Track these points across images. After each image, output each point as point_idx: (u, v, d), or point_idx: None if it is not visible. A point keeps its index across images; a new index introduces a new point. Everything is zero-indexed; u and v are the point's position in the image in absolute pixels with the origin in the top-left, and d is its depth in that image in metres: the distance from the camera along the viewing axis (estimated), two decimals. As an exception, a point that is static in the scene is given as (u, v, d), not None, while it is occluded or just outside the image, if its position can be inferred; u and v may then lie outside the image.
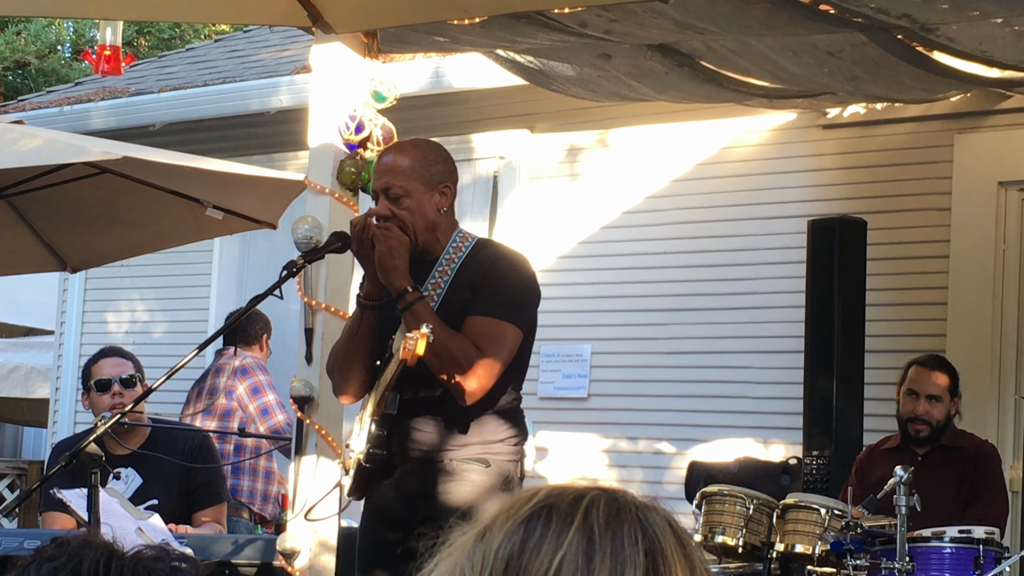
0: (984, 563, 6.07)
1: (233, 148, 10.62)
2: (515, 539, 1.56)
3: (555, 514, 1.57)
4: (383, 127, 5.68)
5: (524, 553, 1.54)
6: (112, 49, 6.50)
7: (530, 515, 1.58)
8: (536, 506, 1.59)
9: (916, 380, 6.90)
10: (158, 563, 1.67)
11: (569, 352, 9.42)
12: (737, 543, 6.47)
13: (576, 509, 1.57)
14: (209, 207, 7.28)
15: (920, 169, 8.37)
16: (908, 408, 6.90)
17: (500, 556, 1.55)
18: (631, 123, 9.26)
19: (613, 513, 1.57)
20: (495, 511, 1.61)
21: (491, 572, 1.55)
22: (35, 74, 25.62)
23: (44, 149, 6.77)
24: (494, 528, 1.58)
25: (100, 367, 6.59)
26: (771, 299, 8.70)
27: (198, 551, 5.61)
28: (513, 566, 1.54)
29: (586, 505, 1.58)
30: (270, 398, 8.34)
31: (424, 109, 9.44)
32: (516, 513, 1.59)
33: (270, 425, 8.29)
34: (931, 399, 6.85)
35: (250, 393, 8.35)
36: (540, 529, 1.56)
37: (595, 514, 1.57)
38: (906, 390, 6.93)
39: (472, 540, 1.58)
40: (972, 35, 6.07)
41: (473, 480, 4.85)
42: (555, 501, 1.59)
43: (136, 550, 1.68)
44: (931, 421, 6.84)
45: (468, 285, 4.91)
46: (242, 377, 8.36)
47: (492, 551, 1.56)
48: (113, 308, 11.98)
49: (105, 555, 1.65)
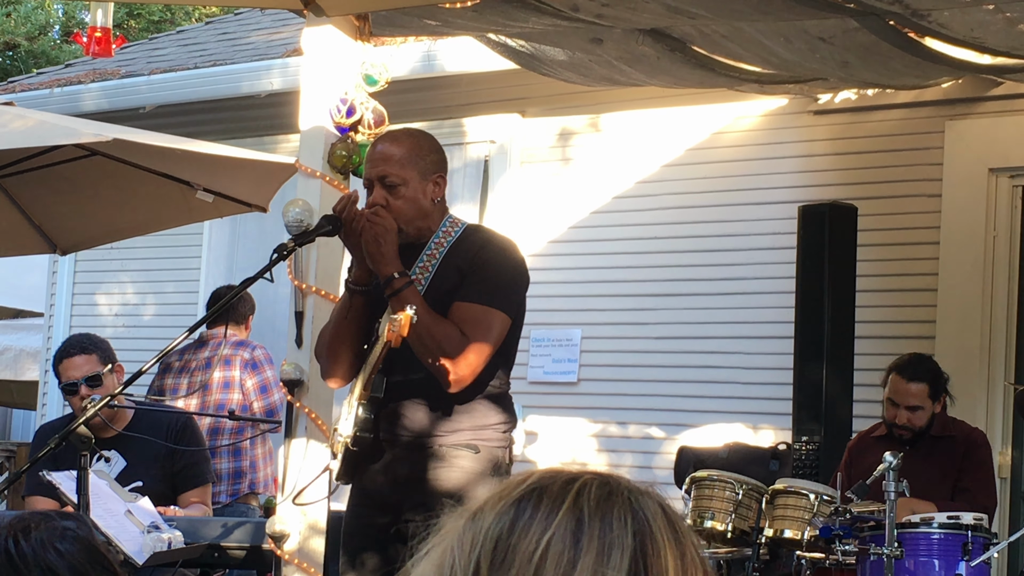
0: (972, 549, 6.08)
1: (224, 131, 10.60)
2: (505, 520, 1.56)
3: (546, 496, 1.57)
4: (374, 110, 5.66)
5: (513, 533, 1.55)
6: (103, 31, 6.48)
7: (521, 496, 1.58)
8: (528, 488, 1.59)
9: (895, 391, 6.86)
10: (51, 529, 1.66)
11: (559, 337, 9.43)
12: (726, 528, 6.48)
13: (567, 492, 1.58)
14: (199, 190, 7.27)
15: (911, 155, 8.37)
16: (890, 415, 6.89)
17: (489, 536, 1.56)
18: (622, 108, 9.26)
19: (604, 496, 1.57)
20: (488, 493, 1.61)
21: (480, 552, 1.55)
22: (25, 56, 25.57)
23: (35, 131, 6.76)
24: (485, 509, 1.59)
25: (64, 369, 6.44)
26: (762, 284, 8.71)
27: (187, 534, 5.60)
28: (502, 546, 1.54)
29: (577, 488, 1.58)
30: (268, 374, 8.33)
31: (415, 93, 9.43)
32: (508, 495, 1.59)
33: (266, 403, 8.28)
34: (911, 409, 6.84)
35: (251, 373, 8.33)
36: (530, 510, 1.56)
37: (585, 496, 1.57)
38: (886, 397, 6.91)
39: (464, 522, 1.59)
40: (964, 21, 6.06)
41: (462, 466, 4.85)
42: (547, 483, 1.59)
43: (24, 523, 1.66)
44: (913, 429, 6.84)
45: (456, 270, 4.91)
46: (252, 371, 8.34)
47: (482, 531, 1.56)
48: (102, 290, 11.96)
49: (11, 538, 1.63)
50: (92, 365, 6.40)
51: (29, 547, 1.62)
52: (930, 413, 6.85)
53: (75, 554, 1.64)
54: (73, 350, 6.48)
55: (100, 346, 6.53)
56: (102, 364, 6.43)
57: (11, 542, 1.62)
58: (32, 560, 1.61)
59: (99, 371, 6.36)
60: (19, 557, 1.60)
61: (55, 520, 1.67)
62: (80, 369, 6.40)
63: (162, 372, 8.53)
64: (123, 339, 10.68)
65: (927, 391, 6.82)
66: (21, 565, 1.60)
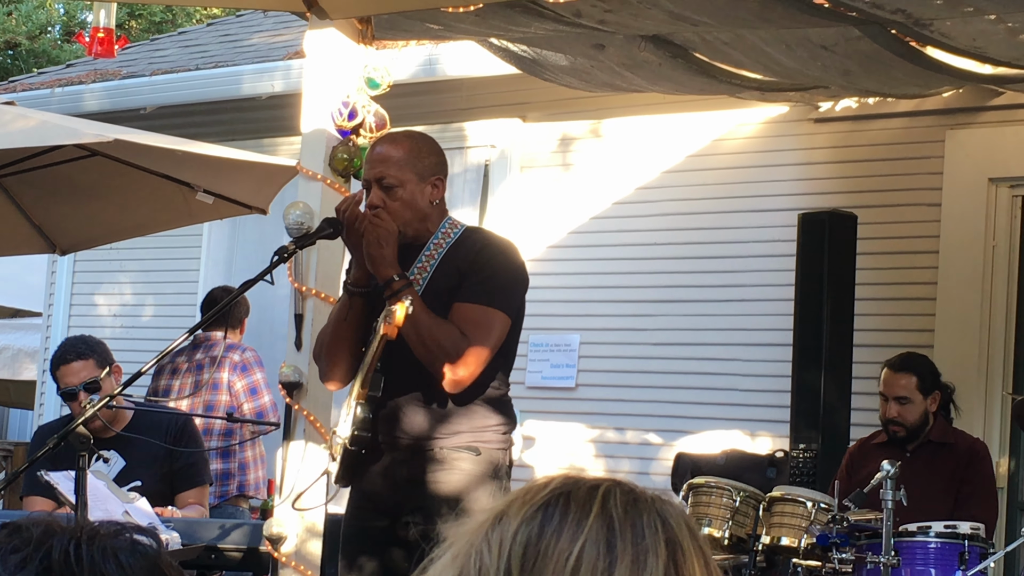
0: (969, 559, 6.08)
1: (224, 133, 10.60)
2: (533, 525, 1.57)
3: (573, 502, 1.58)
4: (376, 114, 5.67)
5: (543, 538, 1.55)
6: (106, 31, 6.49)
7: (547, 502, 1.59)
8: (553, 493, 1.60)
9: (885, 383, 6.90)
10: (120, 540, 1.64)
11: (558, 342, 9.43)
12: (723, 535, 6.48)
13: (593, 498, 1.58)
14: (200, 191, 7.26)
15: (911, 164, 8.38)
16: (882, 411, 6.92)
17: (518, 540, 1.56)
18: (623, 114, 9.26)
19: (631, 503, 1.59)
20: (509, 497, 1.62)
21: (509, 555, 1.55)
22: (25, 55, 25.56)
23: (37, 131, 6.75)
24: (510, 513, 1.59)
25: (61, 376, 6.41)
26: (760, 292, 8.71)
27: (185, 535, 5.60)
28: (532, 551, 1.55)
29: (603, 493, 1.59)
30: (258, 376, 8.36)
31: (417, 97, 9.43)
32: (532, 499, 1.60)
33: (255, 405, 8.31)
34: (899, 401, 6.85)
35: (239, 373, 8.36)
36: (558, 516, 1.57)
37: (613, 503, 1.58)
38: (879, 393, 6.94)
39: (488, 523, 1.59)
40: (966, 31, 6.07)
41: (463, 468, 4.85)
42: (571, 489, 1.60)
43: (93, 529, 1.64)
44: (904, 423, 6.85)
45: (455, 271, 4.91)
46: (242, 374, 8.37)
47: (510, 535, 1.57)
48: (101, 291, 11.96)
49: (73, 541, 1.62)
50: (90, 370, 6.38)
51: (90, 553, 1.61)
52: (922, 409, 6.85)
53: (137, 570, 1.62)
54: (70, 356, 6.44)
55: (96, 349, 6.50)
56: (99, 368, 6.41)
57: (73, 544, 1.61)
58: (88, 566, 1.60)
59: (97, 376, 6.34)
60: (76, 561, 1.59)
61: (127, 532, 1.65)
62: (78, 375, 6.37)
63: (156, 374, 8.54)
64: (121, 340, 10.69)
65: (916, 383, 6.84)
66: (77, 569, 1.59)
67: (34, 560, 1.58)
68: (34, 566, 1.58)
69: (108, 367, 6.44)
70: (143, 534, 1.66)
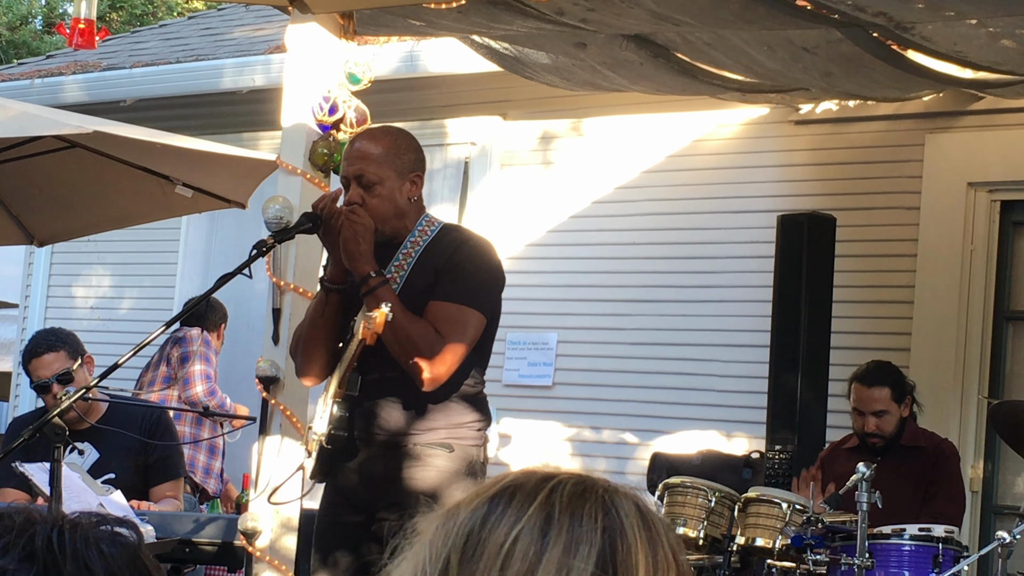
0: (943, 561, 6.09)
1: (204, 126, 10.58)
2: (477, 515, 1.58)
3: (519, 492, 1.60)
4: (357, 109, 5.67)
5: (484, 528, 1.57)
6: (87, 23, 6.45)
7: (496, 493, 1.61)
8: (503, 485, 1.62)
9: (858, 399, 6.90)
10: (101, 530, 1.64)
11: (535, 340, 9.43)
12: (698, 535, 6.48)
13: (541, 489, 1.60)
14: (179, 184, 7.25)
15: (890, 168, 8.39)
16: (858, 425, 6.92)
17: (461, 531, 1.58)
18: (604, 113, 9.26)
19: (577, 494, 1.59)
20: (467, 492, 1.62)
21: (451, 546, 1.57)
22: (5, 46, 25.48)
23: (16, 121, 6.73)
24: (461, 507, 1.62)
25: (34, 368, 6.40)
26: (738, 293, 8.72)
27: (159, 528, 5.60)
28: (472, 540, 1.56)
29: (552, 486, 1.60)
30: (196, 368, 8.49)
31: (397, 92, 9.42)
32: (483, 492, 1.62)
33: (187, 395, 8.49)
34: (877, 415, 6.87)
35: (179, 362, 8.53)
36: (503, 506, 1.58)
37: (558, 494, 1.59)
38: (852, 408, 6.94)
39: (441, 519, 1.61)
40: (947, 35, 6.08)
41: (437, 465, 4.85)
42: (523, 481, 1.62)
43: (74, 519, 1.64)
44: (883, 435, 6.87)
45: (432, 268, 4.90)
46: (181, 365, 8.51)
47: (455, 527, 1.59)
48: (78, 282, 11.93)
49: (56, 529, 1.62)
50: (62, 362, 6.37)
51: (72, 541, 1.61)
52: (898, 417, 6.88)
53: (117, 559, 1.62)
54: (41, 348, 6.43)
55: (67, 341, 6.48)
56: (71, 359, 6.40)
57: (56, 532, 1.61)
58: (71, 553, 1.60)
59: (69, 367, 6.33)
60: (59, 548, 1.59)
61: (107, 523, 1.66)
62: (50, 367, 6.37)
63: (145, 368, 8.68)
64: (98, 332, 10.67)
65: (890, 395, 6.86)
66: (59, 556, 1.59)
67: (17, 546, 1.58)
68: (17, 552, 1.58)
69: (80, 358, 6.43)
70: (123, 526, 1.67)
